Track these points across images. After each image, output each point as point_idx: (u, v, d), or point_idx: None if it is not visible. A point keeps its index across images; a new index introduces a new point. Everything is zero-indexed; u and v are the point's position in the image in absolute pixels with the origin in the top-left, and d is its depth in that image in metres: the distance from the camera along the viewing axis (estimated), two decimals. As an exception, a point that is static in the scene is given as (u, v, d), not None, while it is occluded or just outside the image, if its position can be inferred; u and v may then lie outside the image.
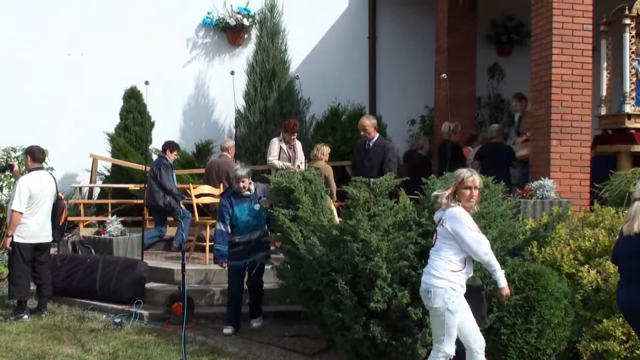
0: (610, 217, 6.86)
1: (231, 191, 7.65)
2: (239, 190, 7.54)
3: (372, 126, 8.78)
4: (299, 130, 9.85)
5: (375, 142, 8.79)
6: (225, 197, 7.62)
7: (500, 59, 12.94)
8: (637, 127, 8.89)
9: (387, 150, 8.73)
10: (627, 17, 8.87)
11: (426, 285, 5.22)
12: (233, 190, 7.62)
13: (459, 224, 5.10)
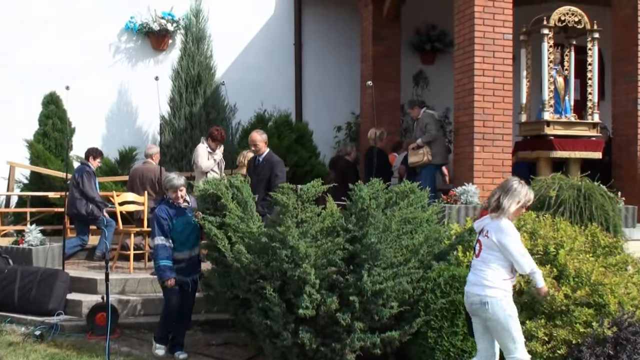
0: (531, 221, 7.03)
1: (166, 202, 6.99)
2: (175, 200, 6.94)
3: (262, 141, 8.64)
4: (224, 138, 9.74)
5: (265, 156, 8.65)
6: (160, 209, 6.89)
7: (424, 67, 13.17)
8: (556, 133, 9.17)
9: (274, 165, 8.55)
10: (546, 27, 9.14)
11: (480, 297, 5.12)
12: (168, 200, 6.98)
13: (507, 236, 5.06)
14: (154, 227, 6.84)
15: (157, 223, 6.82)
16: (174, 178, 6.97)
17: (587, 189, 7.89)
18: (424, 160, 9.74)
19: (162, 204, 6.99)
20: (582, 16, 9.27)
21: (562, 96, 9.40)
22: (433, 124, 9.88)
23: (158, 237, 6.78)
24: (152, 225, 6.92)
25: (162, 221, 6.81)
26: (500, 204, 5.13)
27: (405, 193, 6.86)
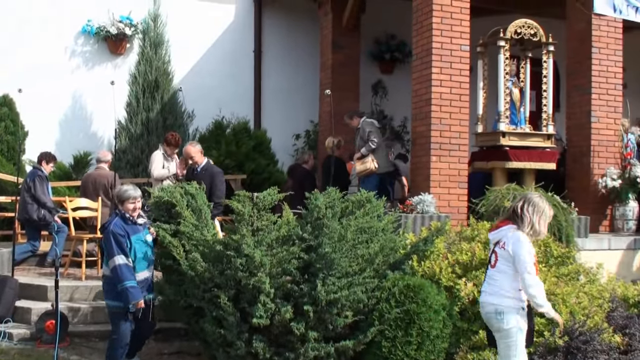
0: (485, 231, 7.09)
1: (120, 217, 6.27)
2: (131, 213, 6.27)
3: (198, 152, 8.60)
4: (181, 143, 9.66)
5: (204, 166, 8.59)
6: (116, 225, 6.16)
7: (383, 77, 13.23)
8: (511, 144, 9.26)
9: (215, 176, 8.49)
10: (502, 40, 9.25)
11: (495, 307, 5.07)
12: (123, 215, 6.28)
13: (522, 248, 4.98)
14: (111, 246, 6.07)
15: (115, 240, 6.08)
16: (129, 189, 6.33)
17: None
18: (371, 169, 9.75)
19: (115, 218, 6.27)
20: (538, 29, 9.40)
21: (517, 107, 9.51)
22: (375, 132, 9.90)
23: (118, 257, 6.04)
24: (107, 243, 6.11)
25: (120, 238, 6.10)
26: (524, 219, 5.06)
27: (361, 202, 6.87)
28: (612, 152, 10.00)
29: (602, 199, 9.89)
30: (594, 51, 10.00)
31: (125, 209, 6.27)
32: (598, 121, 9.98)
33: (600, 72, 10.03)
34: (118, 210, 6.31)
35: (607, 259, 8.98)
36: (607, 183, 9.71)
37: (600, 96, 10.03)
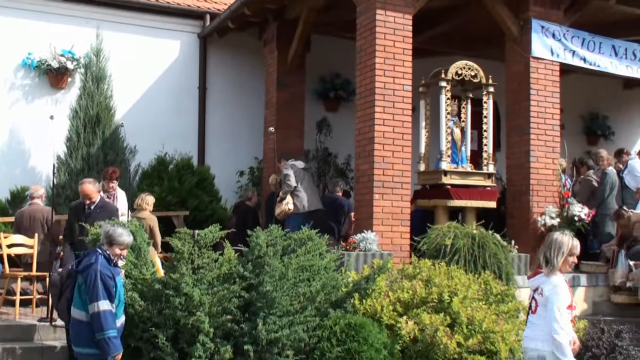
0: (426, 269, 7.15)
1: (104, 257, 5.62)
2: (117, 258, 5.72)
3: (96, 191, 8.31)
4: (118, 178, 9.44)
5: (99, 204, 8.31)
6: (103, 265, 5.53)
7: (328, 114, 13.30)
8: (453, 183, 9.38)
9: (113, 213, 8.25)
10: (443, 80, 9.42)
11: (537, 352, 5.08)
12: (108, 256, 5.64)
13: (555, 294, 5.01)
14: (96, 288, 5.40)
15: (103, 283, 5.44)
16: (124, 234, 5.73)
17: (481, 237, 8.11)
18: (286, 210, 9.66)
19: (98, 257, 5.58)
20: (478, 70, 9.61)
21: (459, 147, 9.66)
22: (292, 175, 9.86)
23: (104, 302, 5.40)
24: (92, 285, 5.42)
25: (109, 280, 5.48)
26: (548, 260, 5.13)
27: (303, 240, 6.84)
28: (551, 191, 10.20)
29: (542, 237, 10.01)
30: (532, 93, 10.25)
31: (113, 252, 5.67)
32: (537, 161, 10.19)
33: (538, 113, 10.27)
34: (101, 250, 5.67)
35: (546, 296, 9.13)
36: (546, 221, 9.89)
37: (539, 137, 10.25)
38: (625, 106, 16.13)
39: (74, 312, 5.59)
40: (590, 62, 10.87)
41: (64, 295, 5.77)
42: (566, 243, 5.16)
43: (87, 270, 5.50)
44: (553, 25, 10.40)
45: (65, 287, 5.76)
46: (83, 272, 5.53)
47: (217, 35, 12.62)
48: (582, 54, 10.76)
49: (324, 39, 12.57)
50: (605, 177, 10.42)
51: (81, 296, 5.52)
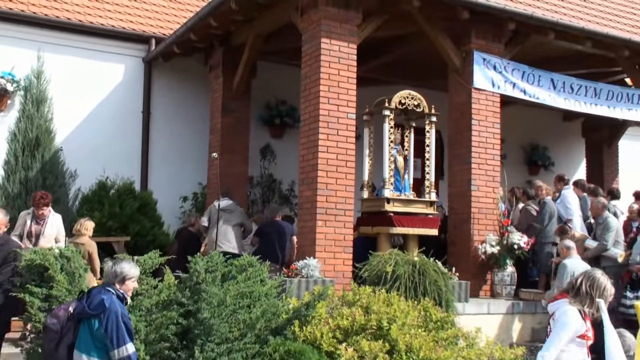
0: (366, 296, 7.16)
1: (116, 296, 5.30)
2: (128, 293, 5.45)
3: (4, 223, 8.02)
4: (48, 203, 9.13)
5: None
6: (121, 306, 5.26)
7: (273, 141, 13.31)
8: (395, 210, 9.44)
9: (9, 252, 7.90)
10: (387, 109, 9.51)
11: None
12: (120, 295, 5.35)
13: (562, 322, 4.97)
14: (120, 331, 5.11)
15: (126, 325, 5.17)
16: (132, 266, 5.49)
17: (422, 264, 8.17)
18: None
19: (111, 297, 5.23)
20: (421, 100, 9.74)
21: (402, 175, 9.75)
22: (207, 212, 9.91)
23: (130, 345, 5.14)
24: (114, 328, 5.10)
25: (129, 321, 5.23)
26: (584, 293, 5.03)
27: (243, 266, 6.79)
28: (491, 219, 10.36)
29: (482, 264, 10.19)
30: (474, 123, 10.44)
31: (126, 288, 5.40)
32: (478, 189, 10.35)
33: (479, 143, 10.46)
34: (113, 289, 5.31)
35: (486, 323, 9.23)
36: (486, 249, 10.03)
37: (480, 166, 10.43)
38: (565, 137, 16.56)
39: (80, 358, 5.19)
40: (530, 95, 11.14)
41: (63, 341, 5.26)
42: (609, 289, 5.11)
43: (107, 313, 5.14)
44: (494, 57, 10.64)
45: (65, 331, 5.28)
46: (100, 314, 5.15)
47: (162, 60, 12.55)
48: (522, 87, 11.02)
49: (271, 66, 12.63)
50: (545, 206, 10.64)
51: (94, 341, 5.14)
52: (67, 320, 5.29)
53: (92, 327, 5.14)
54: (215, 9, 10.38)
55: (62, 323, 5.28)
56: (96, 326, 5.12)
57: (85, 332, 5.17)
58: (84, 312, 5.19)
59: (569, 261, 9.15)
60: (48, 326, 5.30)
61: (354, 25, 9.47)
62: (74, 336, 5.24)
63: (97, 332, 5.12)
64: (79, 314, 5.22)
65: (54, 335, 5.25)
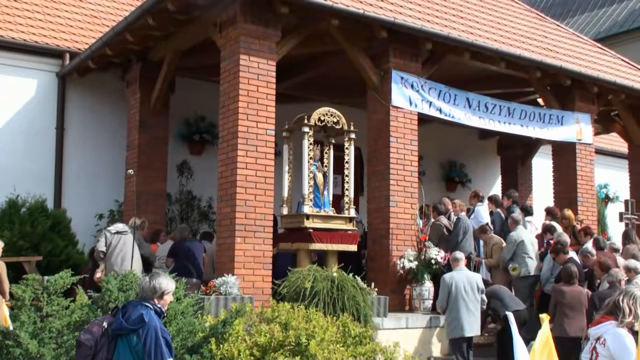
0: (285, 312, 7.11)
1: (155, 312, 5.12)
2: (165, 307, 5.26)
3: None
4: None
5: None
6: (159, 321, 5.09)
7: (191, 157, 13.13)
8: (315, 226, 9.44)
9: None
10: (306, 126, 9.53)
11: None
12: (160, 311, 5.18)
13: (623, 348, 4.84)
14: (160, 347, 4.93)
15: (165, 340, 5.01)
16: (169, 280, 5.31)
17: (341, 280, 8.20)
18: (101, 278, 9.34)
19: (149, 312, 5.06)
20: (340, 117, 9.81)
21: (321, 191, 9.77)
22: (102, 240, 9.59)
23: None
24: (153, 343, 4.93)
25: (168, 337, 5.08)
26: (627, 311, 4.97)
27: (159, 284, 6.64)
28: (410, 234, 10.50)
29: (401, 279, 10.31)
30: (392, 140, 10.60)
31: (164, 303, 5.24)
32: (396, 205, 10.49)
33: (397, 159, 10.62)
34: (150, 304, 5.12)
35: (405, 338, 9.31)
36: (404, 264, 10.15)
37: (398, 182, 10.59)
38: (481, 155, 17.01)
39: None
40: (445, 113, 11.38)
41: (96, 357, 5.06)
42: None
43: (145, 328, 4.95)
44: (412, 76, 10.85)
45: (99, 347, 5.06)
46: (138, 330, 4.95)
47: (77, 75, 12.22)
48: (438, 105, 11.26)
49: (189, 82, 12.51)
50: (459, 222, 10.87)
51: (134, 357, 4.96)
52: (101, 336, 5.07)
53: (131, 343, 4.96)
54: (132, 24, 10.22)
55: (95, 339, 5.06)
56: (134, 342, 4.95)
57: (124, 349, 4.99)
58: (122, 327, 5.00)
59: (449, 274, 9.44)
60: (82, 342, 5.06)
61: (273, 42, 9.50)
62: (107, 352, 5.05)
63: (137, 347, 4.94)
64: (116, 330, 5.03)
65: (87, 351, 5.03)
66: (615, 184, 17.79)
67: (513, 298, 9.63)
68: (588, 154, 13.10)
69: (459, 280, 9.24)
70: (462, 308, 9.09)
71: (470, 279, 9.32)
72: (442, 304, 9.37)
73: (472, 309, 9.16)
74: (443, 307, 9.37)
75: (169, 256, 10.24)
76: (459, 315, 9.09)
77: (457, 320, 9.10)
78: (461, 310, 9.08)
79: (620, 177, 15.87)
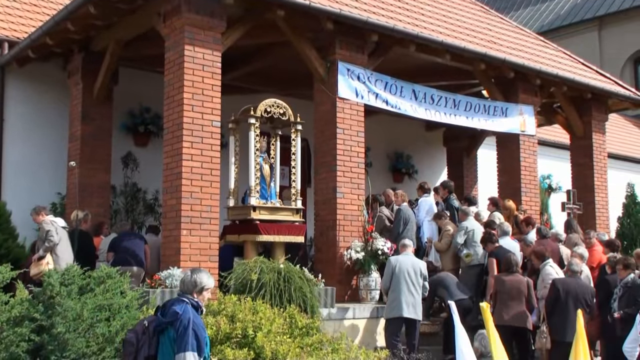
0: (232, 304, 7.09)
1: (192, 305, 5.19)
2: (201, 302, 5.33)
3: None
4: None
5: None
6: (195, 315, 5.15)
7: (136, 149, 12.90)
8: (262, 218, 9.40)
9: None
10: (252, 117, 9.47)
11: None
12: (197, 305, 5.24)
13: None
14: (186, 336, 5.01)
15: (196, 333, 5.07)
16: (209, 276, 5.40)
17: (287, 272, 8.19)
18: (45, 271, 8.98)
19: (185, 305, 5.15)
20: (287, 109, 9.77)
21: (268, 182, 9.75)
22: (54, 230, 9.32)
23: (191, 354, 5.01)
24: (181, 333, 5.03)
25: (202, 332, 5.13)
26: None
27: (102, 278, 6.55)
28: (356, 226, 10.55)
29: (348, 270, 10.36)
30: (339, 132, 10.62)
31: (202, 298, 5.32)
32: (343, 197, 10.52)
33: (344, 151, 10.65)
34: (188, 299, 5.21)
35: (352, 328, 9.43)
36: (351, 255, 10.21)
37: (345, 173, 10.62)
38: (427, 146, 17.18)
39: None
40: (392, 105, 11.45)
41: (139, 354, 5.17)
42: None
43: (179, 319, 5.06)
44: (358, 68, 10.88)
45: (141, 345, 5.17)
46: (174, 322, 5.07)
47: (16, 65, 11.87)
48: (384, 97, 11.32)
49: (134, 72, 12.29)
50: (399, 213, 10.99)
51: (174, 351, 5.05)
52: (142, 333, 5.21)
53: (171, 336, 5.11)
54: (73, 12, 9.96)
55: (137, 336, 5.20)
56: (172, 335, 5.10)
57: (165, 344, 5.13)
58: (160, 323, 5.17)
59: (394, 257, 9.59)
60: (126, 340, 5.24)
61: (218, 33, 9.41)
62: (149, 349, 5.18)
63: (174, 339, 5.09)
64: (157, 327, 5.18)
65: (130, 348, 5.17)
66: (557, 174, 18.18)
67: (459, 286, 9.77)
68: (531, 145, 13.35)
69: (404, 263, 9.34)
70: (404, 289, 9.15)
71: (415, 265, 9.43)
72: (386, 284, 9.44)
73: (414, 292, 9.25)
74: (386, 287, 9.44)
75: (108, 251, 10.07)
76: (399, 295, 9.15)
77: (397, 300, 9.16)
78: (402, 291, 9.13)
79: (563, 167, 16.20)
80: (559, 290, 8.82)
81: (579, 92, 14.02)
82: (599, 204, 14.37)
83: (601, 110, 14.69)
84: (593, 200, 14.27)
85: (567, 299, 8.75)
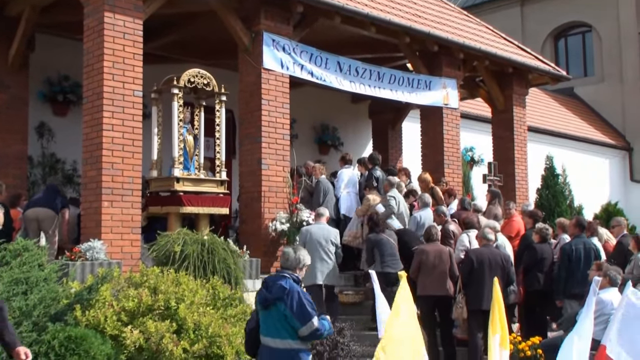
0: (154, 276, 7.02)
1: (296, 281, 5.63)
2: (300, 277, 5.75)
3: None
4: None
5: None
6: (297, 286, 5.57)
7: (53, 118, 12.45)
8: (185, 190, 9.30)
9: None
10: (176, 87, 9.31)
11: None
12: (297, 279, 5.66)
13: None
14: (305, 308, 5.42)
15: (309, 303, 5.49)
16: (307, 254, 5.86)
17: (211, 243, 8.15)
18: None
19: (288, 280, 5.55)
20: (211, 79, 9.65)
21: (191, 154, 9.63)
22: None
23: (315, 319, 5.47)
24: (298, 306, 5.42)
25: (309, 297, 5.58)
26: None
27: (18, 251, 6.37)
28: (281, 197, 10.57)
29: (273, 241, 10.39)
30: (264, 103, 10.57)
31: (302, 274, 5.78)
32: (268, 168, 10.51)
33: (269, 122, 10.62)
34: (288, 274, 5.63)
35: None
36: (276, 227, 10.23)
37: (270, 145, 10.60)
38: (353, 119, 17.27)
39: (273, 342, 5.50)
40: (317, 77, 11.46)
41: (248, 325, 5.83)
42: None
43: (289, 294, 5.45)
44: (283, 39, 10.82)
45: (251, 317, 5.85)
46: (283, 297, 5.44)
47: None
48: (310, 69, 11.31)
49: (51, 39, 11.86)
50: (319, 184, 11.09)
51: (285, 324, 5.45)
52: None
53: (280, 311, 5.43)
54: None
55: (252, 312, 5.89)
56: (282, 308, 5.42)
57: (271, 318, 5.48)
58: (267, 299, 5.49)
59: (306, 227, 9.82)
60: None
61: (140, 0, 9.17)
62: (251, 321, 5.74)
63: (285, 312, 5.42)
64: (262, 302, 5.53)
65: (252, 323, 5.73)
66: (480, 147, 18.59)
67: (394, 255, 9.68)
68: (454, 118, 13.60)
69: (315, 232, 9.48)
70: (316, 257, 9.21)
71: (326, 233, 9.59)
72: None
73: (326, 259, 9.43)
74: None
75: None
76: (313, 264, 9.21)
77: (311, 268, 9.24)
78: (315, 260, 9.18)
79: (485, 140, 16.56)
80: (472, 260, 9.01)
81: (501, 67, 14.33)
82: (518, 175, 14.80)
83: (522, 84, 15.06)
84: (513, 172, 14.68)
85: (482, 268, 8.92)
